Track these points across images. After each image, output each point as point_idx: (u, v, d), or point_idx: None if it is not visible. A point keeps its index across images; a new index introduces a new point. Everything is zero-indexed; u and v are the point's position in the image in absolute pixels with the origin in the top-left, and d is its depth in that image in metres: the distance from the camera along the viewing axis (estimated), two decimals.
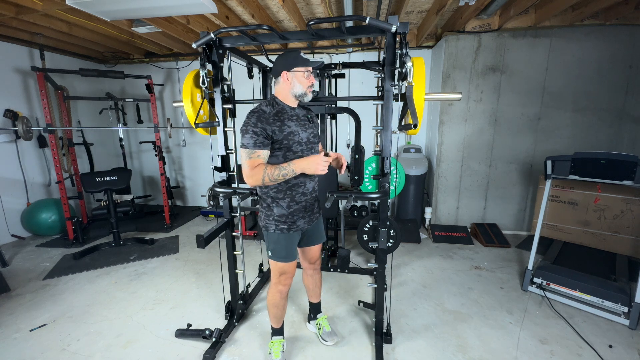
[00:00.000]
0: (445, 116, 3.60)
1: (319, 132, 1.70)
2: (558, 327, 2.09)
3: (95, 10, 2.24)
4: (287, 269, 1.64)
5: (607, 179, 2.15)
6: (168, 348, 1.94)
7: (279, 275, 1.65)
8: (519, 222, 3.74)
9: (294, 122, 1.49)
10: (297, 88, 1.47)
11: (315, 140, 1.60)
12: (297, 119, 1.52)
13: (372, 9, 3.06)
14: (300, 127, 1.51)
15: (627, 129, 3.28)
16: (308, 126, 1.56)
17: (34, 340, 2.02)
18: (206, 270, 2.91)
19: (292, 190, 1.54)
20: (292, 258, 1.63)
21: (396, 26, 1.52)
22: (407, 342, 1.95)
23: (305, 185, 1.57)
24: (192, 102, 2.02)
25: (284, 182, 1.52)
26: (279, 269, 1.63)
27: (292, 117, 1.50)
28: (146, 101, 4.02)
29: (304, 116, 1.57)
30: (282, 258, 1.60)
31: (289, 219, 1.56)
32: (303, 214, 1.59)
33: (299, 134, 1.49)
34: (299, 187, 1.55)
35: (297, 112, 1.54)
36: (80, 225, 3.57)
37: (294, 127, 1.48)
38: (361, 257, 3.17)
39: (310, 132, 1.56)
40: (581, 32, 3.16)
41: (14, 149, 3.63)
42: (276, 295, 1.70)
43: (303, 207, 1.59)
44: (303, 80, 1.46)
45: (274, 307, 1.74)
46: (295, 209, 1.56)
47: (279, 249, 1.59)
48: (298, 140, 1.49)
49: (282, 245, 1.59)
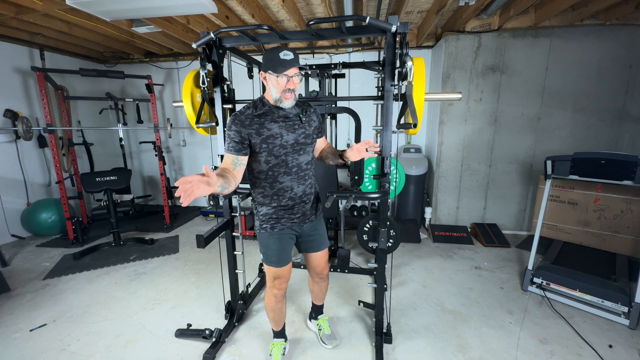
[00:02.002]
0: (445, 116, 3.60)
1: (315, 129, 1.54)
2: (558, 327, 2.09)
3: (95, 10, 2.24)
4: (280, 273, 1.57)
5: (607, 179, 2.15)
6: (168, 348, 1.93)
7: (272, 279, 1.59)
8: (519, 222, 3.74)
9: (278, 123, 1.40)
10: (272, 92, 1.36)
11: (308, 140, 1.48)
12: (284, 120, 1.41)
13: (372, 9, 3.06)
14: (285, 129, 1.41)
15: (627, 129, 3.28)
16: (298, 127, 1.44)
17: (34, 340, 2.02)
18: (206, 270, 2.91)
19: (277, 196, 1.48)
20: (284, 263, 1.56)
21: (396, 26, 1.52)
22: (407, 342, 1.95)
23: (293, 190, 1.48)
24: (192, 102, 2.02)
25: (269, 187, 1.47)
26: (272, 274, 1.58)
27: (278, 119, 1.41)
28: (146, 101, 4.02)
29: (295, 116, 1.45)
30: (272, 262, 1.55)
31: (272, 218, 1.51)
32: (290, 216, 1.52)
33: (281, 136, 1.39)
34: (285, 192, 1.47)
35: (286, 113, 1.42)
36: (80, 225, 3.57)
37: (277, 129, 1.39)
38: (361, 257, 3.17)
39: (301, 133, 1.45)
40: (581, 32, 3.16)
41: (14, 149, 3.63)
42: (271, 299, 1.66)
43: (291, 210, 1.52)
44: (277, 84, 1.32)
45: (271, 310, 1.71)
46: (280, 211, 1.51)
47: (269, 253, 1.54)
48: (281, 144, 1.40)
49: (271, 249, 1.53)
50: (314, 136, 1.55)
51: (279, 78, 1.30)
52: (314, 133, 1.55)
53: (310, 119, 1.53)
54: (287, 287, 1.79)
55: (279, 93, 1.34)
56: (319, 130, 1.59)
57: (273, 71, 1.30)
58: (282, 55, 1.28)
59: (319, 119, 1.59)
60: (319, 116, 1.60)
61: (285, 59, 1.28)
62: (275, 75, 1.31)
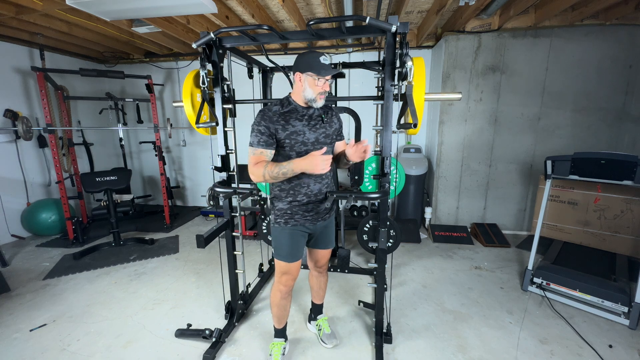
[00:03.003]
0: (445, 116, 3.60)
1: (335, 131, 1.61)
2: (558, 327, 2.09)
3: (95, 10, 2.23)
4: (289, 269, 1.62)
5: (607, 179, 2.15)
6: (168, 348, 1.93)
7: (280, 274, 1.65)
8: (519, 222, 3.74)
9: (302, 122, 1.49)
10: (308, 92, 1.45)
11: (327, 140, 1.55)
12: (307, 119, 1.50)
13: (372, 9, 3.06)
14: (308, 127, 1.49)
15: (627, 129, 3.28)
16: (320, 126, 1.52)
17: (34, 340, 2.02)
18: (206, 270, 2.91)
19: (294, 190, 1.53)
20: (294, 259, 1.60)
21: (396, 26, 1.52)
22: (407, 342, 1.95)
23: (309, 187, 1.53)
24: (192, 102, 2.02)
25: (287, 181, 1.52)
26: (281, 269, 1.63)
27: (302, 117, 1.49)
28: (146, 101, 4.02)
29: (317, 116, 1.53)
30: (282, 257, 1.60)
31: (287, 213, 1.56)
32: (304, 213, 1.57)
33: (304, 134, 1.48)
34: (301, 187, 1.53)
35: (310, 112, 1.51)
36: (80, 225, 3.57)
37: (300, 127, 1.48)
38: (361, 257, 3.17)
39: (322, 133, 1.52)
40: (581, 32, 3.16)
41: (14, 149, 3.62)
42: (277, 294, 1.70)
43: (305, 207, 1.57)
44: (314, 86, 1.42)
45: (275, 306, 1.74)
46: (295, 207, 1.56)
47: (280, 246, 1.59)
48: (302, 141, 1.48)
49: (283, 243, 1.58)
50: (334, 137, 1.61)
51: (319, 80, 1.40)
52: (334, 134, 1.61)
53: (332, 121, 1.60)
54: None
55: (315, 94, 1.43)
56: (339, 133, 1.66)
57: (316, 73, 1.39)
58: (323, 60, 1.39)
59: (340, 122, 1.66)
60: (340, 119, 1.66)
61: (326, 64, 1.39)
62: (315, 78, 1.40)
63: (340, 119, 1.67)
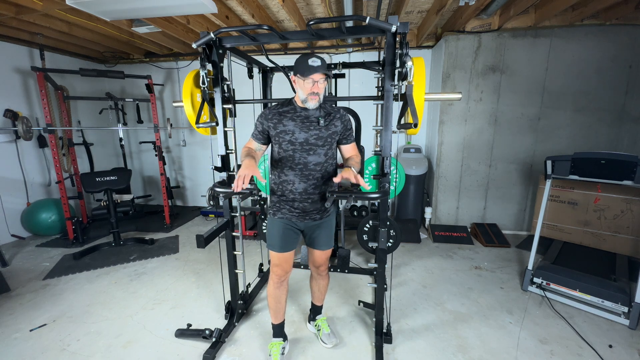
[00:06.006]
0: (445, 116, 3.60)
1: (335, 134, 1.58)
2: (558, 327, 2.09)
3: (95, 10, 2.23)
4: (278, 260, 1.68)
5: (607, 179, 2.15)
6: (168, 348, 1.93)
7: (273, 265, 1.72)
8: (519, 222, 3.74)
9: (294, 122, 1.54)
10: (300, 93, 1.51)
11: (319, 142, 1.55)
12: (302, 120, 1.54)
13: (372, 9, 3.06)
14: (300, 127, 1.53)
15: (627, 129, 3.28)
16: (314, 128, 1.54)
17: (34, 340, 2.02)
18: (206, 270, 2.91)
19: (282, 186, 1.63)
20: (282, 249, 1.65)
21: (396, 26, 1.52)
22: (407, 342, 1.95)
23: (294, 185, 1.58)
24: (192, 102, 2.02)
25: (277, 177, 1.64)
26: (273, 259, 1.71)
27: (297, 118, 1.54)
28: (146, 101, 4.02)
29: (316, 118, 1.55)
30: (272, 246, 1.67)
31: (276, 206, 1.66)
32: (290, 208, 1.62)
33: (293, 133, 1.53)
34: (287, 184, 1.60)
35: (308, 114, 1.55)
36: (80, 225, 3.57)
37: (291, 126, 1.54)
38: (361, 257, 3.17)
39: (314, 135, 1.53)
40: (581, 32, 3.16)
41: (14, 149, 3.62)
42: (270, 284, 1.77)
43: (291, 203, 1.62)
44: (303, 87, 1.47)
45: (270, 296, 1.79)
46: (283, 201, 1.64)
47: (270, 235, 1.68)
48: (290, 140, 1.54)
49: (273, 233, 1.66)
50: (331, 140, 1.59)
51: (305, 81, 1.45)
52: (331, 137, 1.59)
53: (332, 124, 1.58)
54: (288, 287, 1.83)
55: (305, 94, 1.48)
56: (344, 137, 1.63)
57: (300, 74, 1.45)
58: (310, 62, 1.42)
59: (344, 126, 1.62)
60: (346, 123, 1.63)
61: (312, 65, 1.42)
62: (302, 79, 1.45)
63: (348, 122, 1.64)
